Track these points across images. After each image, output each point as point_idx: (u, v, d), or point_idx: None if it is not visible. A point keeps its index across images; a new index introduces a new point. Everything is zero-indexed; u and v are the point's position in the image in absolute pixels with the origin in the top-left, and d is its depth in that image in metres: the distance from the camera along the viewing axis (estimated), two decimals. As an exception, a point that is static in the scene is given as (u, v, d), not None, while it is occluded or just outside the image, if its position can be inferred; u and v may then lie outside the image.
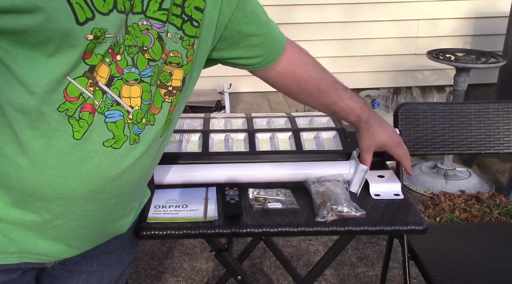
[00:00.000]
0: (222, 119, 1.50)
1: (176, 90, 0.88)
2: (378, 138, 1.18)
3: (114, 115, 0.80)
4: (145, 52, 0.81)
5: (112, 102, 0.79)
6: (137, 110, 0.82)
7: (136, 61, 0.80)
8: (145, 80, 0.82)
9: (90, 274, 1.00)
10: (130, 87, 0.80)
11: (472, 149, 1.74)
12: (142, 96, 0.82)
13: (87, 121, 0.77)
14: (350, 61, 3.50)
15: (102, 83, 0.77)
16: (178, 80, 0.88)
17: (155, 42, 0.81)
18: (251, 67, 1.09)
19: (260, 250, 2.34)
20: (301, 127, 1.44)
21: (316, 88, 1.14)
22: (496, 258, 1.54)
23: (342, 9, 3.38)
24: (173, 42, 0.84)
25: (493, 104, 1.73)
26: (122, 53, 0.78)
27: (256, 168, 1.25)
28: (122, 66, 0.79)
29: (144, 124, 0.84)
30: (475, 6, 3.47)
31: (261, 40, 1.04)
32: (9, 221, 0.82)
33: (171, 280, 2.22)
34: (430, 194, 2.84)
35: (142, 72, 0.81)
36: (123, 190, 0.87)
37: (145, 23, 0.80)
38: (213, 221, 1.09)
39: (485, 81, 3.59)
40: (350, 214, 1.09)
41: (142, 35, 0.80)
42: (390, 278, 2.18)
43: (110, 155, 0.81)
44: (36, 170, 0.78)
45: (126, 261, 1.07)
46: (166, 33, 0.83)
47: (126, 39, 0.78)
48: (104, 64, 0.77)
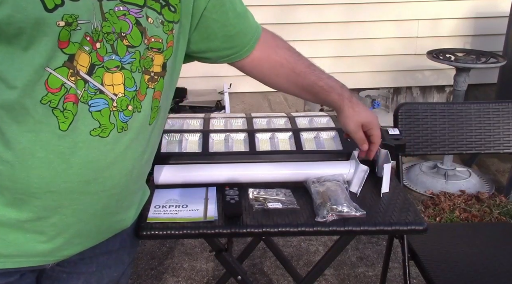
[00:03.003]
0: (222, 119, 1.50)
1: (157, 76, 0.87)
2: (363, 115, 1.15)
3: (98, 104, 0.79)
4: (124, 38, 0.80)
5: (95, 90, 0.79)
6: (121, 97, 0.81)
7: (116, 48, 0.80)
8: (126, 67, 0.81)
9: (90, 275, 1.00)
10: (112, 75, 0.80)
11: (472, 149, 1.74)
12: (125, 83, 0.82)
13: (72, 111, 0.77)
14: (350, 61, 3.50)
15: (83, 72, 0.77)
16: (159, 65, 0.87)
17: (133, 28, 0.81)
18: (228, 59, 1.07)
19: (260, 250, 2.34)
20: (301, 127, 1.44)
21: (293, 71, 1.12)
22: (496, 258, 1.54)
23: (342, 9, 3.38)
24: (154, 27, 0.84)
25: (493, 104, 1.73)
26: (101, 41, 0.78)
27: (256, 168, 1.25)
28: (102, 53, 0.78)
29: (131, 112, 0.83)
30: (475, 6, 3.47)
31: (238, 30, 1.03)
32: (6, 223, 0.82)
33: (171, 280, 2.22)
34: (430, 194, 2.84)
35: (123, 58, 0.81)
36: (117, 181, 0.86)
37: (121, 9, 0.79)
38: (213, 221, 1.09)
39: (485, 81, 3.59)
40: (350, 214, 1.09)
41: (119, 21, 0.79)
42: (390, 278, 2.18)
43: (98, 144, 0.81)
44: (25, 165, 0.77)
45: (127, 261, 1.07)
46: (147, 18, 0.82)
47: (104, 26, 0.78)
48: (84, 52, 0.76)
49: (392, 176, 1.25)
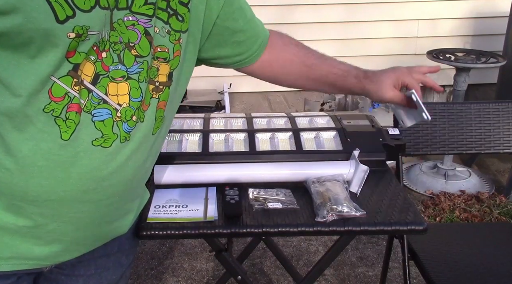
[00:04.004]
0: (222, 119, 1.50)
1: (162, 85, 0.86)
2: (387, 82, 1.10)
3: (102, 114, 0.79)
4: (132, 48, 0.79)
5: (99, 100, 0.78)
6: (125, 107, 0.80)
7: (123, 58, 0.79)
8: (132, 77, 0.80)
9: (88, 277, 0.99)
10: (117, 84, 0.79)
11: (472, 149, 1.74)
12: (130, 93, 0.81)
13: (74, 121, 0.76)
14: (350, 61, 3.44)
15: (87, 82, 0.76)
16: (164, 75, 0.86)
17: (141, 38, 0.80)
18: (238, 64, 1.07)
19: (260, 250, 2.34)
20: (301, 127, 1.44)
21: (304, 65, 1.10)
22: (496, 258, 1.54)
23: (342, 9, 3.38)
24: (160, 36, 0.83)
25: (493, 104, 1.73)
26: (108, 50, 0.77)
27: (256, 168, 1.25)
28: (107, 63, 0.77)
29: (134, 122, 0.82)
30: (475, 6, 3.47)
31: (247, 36, 1.03)
32: (2, 226, 0.81)
33: (171, 280, 2.22)
34: (430, 194, 2.84)
35: (129, 68, 0.80)
36: (116, 190, 0.86)
37: (130, 19, 0.78)
38: (213, 221, 1.09)
39: (485, 81, 3.59)
40: (350, 214, 1.09)
41: (128, 31, 0.78)
42: (390, 278, 2.18)
43: (99, 154, 0.80)
44: (25, 173, 0.77)
45: (125, 263, 1.06)
46: (154, 28, 0.81)
47: (112, 35, 0.77)
48: (89, 62, 0.75)
49: (393, 176, 1.25)
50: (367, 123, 1.43)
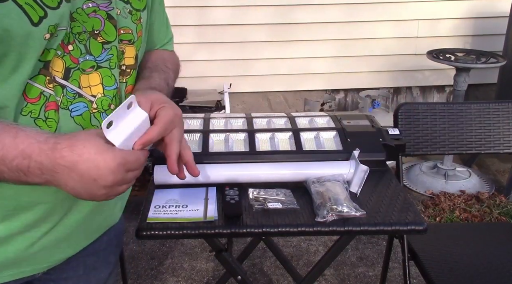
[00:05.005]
0: (222, 119, 1.50)
1: (130, 68, 0.85)
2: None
3: (79, 108, 0.78)
4: (97, 35, 0.78)
5: (74, 94, 0.77)
6: (100, 97, 0.79)
7: (89, 47, 0.77)
8: (103, 65, 0.79)
9: (77, 279, 0.98)
10: (88, 76, 0.78)
11: (472, 149, 1.74)
12: (103, 82, 0.79)
13: (55, 119, 0.75)
14: (350, 61, 3.50)
15: (59, 78, 0.75)
16: (131, 57, 0.85)
17: (105, 23, 0.78)
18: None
19: (260, 250, 2.34)
20: (301, 127, 1.44)
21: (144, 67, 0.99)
22: (496, 258, 1.54)
23: (342, 9, 3.38)
24: (123, 18, 0.81)
25: (493, 104, 1.73)
26: (73, 42, 0.75)
27: (256, 168, 1.25)
28: (76, 55, 0.76)
29: (113, 110, 0.80)
30: (475, 6, 3.47)
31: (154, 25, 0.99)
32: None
33: (171, 280, 2.22)
34: (430, 194, 2.84)
35: (98, 57, 0.78)
36: None
37: (90, 6, 0.76)
38: (213, 221, 1.09)
39: (485, 81, 3.59)
40: (350, 214, 1.09)
41: (90, 18, 0.77)
42: (390, 278, 2.18)
43: None
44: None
45: (113, 261, 1.06)
46: (115, 10, 0.80)
47: (74, 26, 0.75)
48: (57, 57, 0.74)
49: (393, 176, 1.25)
50: (367, 123, 1.43)
